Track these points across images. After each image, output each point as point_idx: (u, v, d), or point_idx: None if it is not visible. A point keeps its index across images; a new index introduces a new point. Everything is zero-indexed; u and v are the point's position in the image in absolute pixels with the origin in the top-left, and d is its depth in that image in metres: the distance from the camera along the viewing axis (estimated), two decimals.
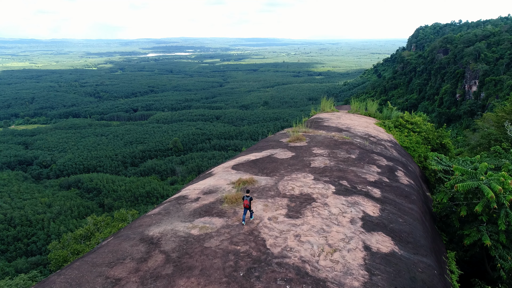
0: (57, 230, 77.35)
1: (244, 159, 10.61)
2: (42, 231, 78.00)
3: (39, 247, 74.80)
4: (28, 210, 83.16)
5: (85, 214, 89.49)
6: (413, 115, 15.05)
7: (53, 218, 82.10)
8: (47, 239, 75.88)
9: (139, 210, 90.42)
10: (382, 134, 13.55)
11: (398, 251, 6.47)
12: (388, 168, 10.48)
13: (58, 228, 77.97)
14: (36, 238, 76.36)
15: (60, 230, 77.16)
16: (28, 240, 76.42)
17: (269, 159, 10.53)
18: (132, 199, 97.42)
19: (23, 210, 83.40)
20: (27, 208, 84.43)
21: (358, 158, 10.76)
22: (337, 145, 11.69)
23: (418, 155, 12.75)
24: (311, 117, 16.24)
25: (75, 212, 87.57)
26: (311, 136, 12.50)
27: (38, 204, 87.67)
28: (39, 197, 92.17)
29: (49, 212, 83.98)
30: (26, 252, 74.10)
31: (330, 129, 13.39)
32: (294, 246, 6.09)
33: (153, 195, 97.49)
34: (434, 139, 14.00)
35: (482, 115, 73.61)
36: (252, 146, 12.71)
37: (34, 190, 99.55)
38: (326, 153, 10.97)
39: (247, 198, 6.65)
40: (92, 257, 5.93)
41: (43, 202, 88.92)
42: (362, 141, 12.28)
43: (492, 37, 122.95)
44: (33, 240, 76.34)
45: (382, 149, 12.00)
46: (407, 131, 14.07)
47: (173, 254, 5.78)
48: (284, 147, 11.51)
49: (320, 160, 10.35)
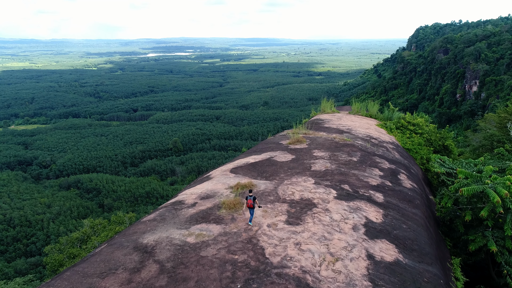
0: (56, 230, 77.09)
1: (243, 162, 10.36)
2: (42, 231, 77.74)
3: (38, 247, 74.48)
4: (28, 211, 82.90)
5: (85, 214, 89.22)
6: (415, 116, 14.76)
7: (53, 218, 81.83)
8: (47, 240, 75.60)
9: (139, 210, 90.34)
10: (384, 135, 13.28)
11: (402, 259, 6.22)
12: (390, 171, 10.23)
13: (58, 228, 77.71)
14: (36, 239, 76.10)
15: (60, 230, 76.91)
16: (27, 241, 76.18)
17: (268, 162, 10.28)
18: (132, 200, 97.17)
19: (22, 211, 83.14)
20: (26, 208, 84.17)
21: (359, 161, 10.52)
22: (338, 147, 11.44)
23: (420, 157, 12.48)
24: (311, 118, 15.94)
25: (75, 212, 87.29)
26: (311, 138, 12.24)
27: (38, 204, 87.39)
28: (38, 198, 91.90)
29: (49, 212, 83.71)
30: (26, 252, 73.86)
31: (331, 130, 13.11)
32: (294, 255, 5.83)
33: (153, 195, 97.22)
34: (437, 140, 13.73)
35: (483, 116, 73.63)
36: (252, 148, 12.45)
37: (34, 190, 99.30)
38: (327, 156, 10.73)
39: (251, 198, 6.55)
40: (84, 266, 5.68)
41: (43, 202, 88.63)
42: (364, 143, 12.03)
43: (493, 37, 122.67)
44: (32, 240, 76.09)
45: (384, 151, 11.75)
46: (409, 133, 13.79)
47: (168, 264, 5.52)
48: (284, 150, 11.26)
49: (321, 163, 10.10)
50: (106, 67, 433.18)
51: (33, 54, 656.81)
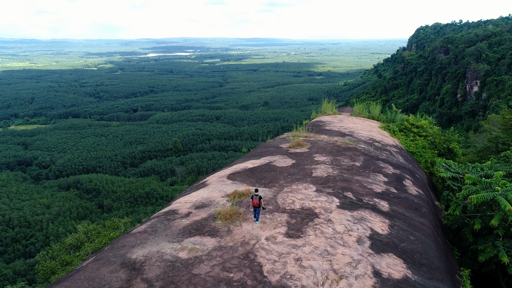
0: (55, 231, 76.75)
1: (241, 167, 9.91)
2: (41, 232, 77.38)
3: (37, 248, 74.04)
4: (27, 211, 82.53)
5: (84, 215, 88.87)
6: (419, 118, 14.29)
7: (52, 219, 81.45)
8: (46, 241, 75.27)
9: (138, 211, 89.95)
10: (387, 138, 12.82)
11: (411, 276, 5.77)
12: (395, 177, 9.79)
13: (57, 229, 77.37)
14: (35, 240, 75.74)
15: (59, 231, 76.60)
16: (26, 242, 75.82)
17: (267, 167, 9.83)
18: (131, 200, 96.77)
19: (21, 211, 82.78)
20: (25, 209, 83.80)
21: (363, 166, 10.07)
22: (340, 151, 10.99)
23: (424, 160, 12.02)
24: (311, 120, 15.45)
25: (74, 213, 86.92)
26: (312, 142, 11.79)
27: (37, 205, 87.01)
28: (38, 198, 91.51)
29: (48, 213, 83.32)
30: (25, 253, 73.51)
31: (332, 133, 12.65)
32: (295, 273, 5.39)
33: (152, 196, 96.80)
34: (441, 143, 13.27)
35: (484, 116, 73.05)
36: (251, 152, 11.99)
37: (33, 191, 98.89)
38: (329, 161, 10.28)
39: (256, 197, 6.54)
40: (66, 285, 5.23)
41: (42, 203, 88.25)
42: (367, 147, 11.58)
43: (494, 37, 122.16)
44: (31, 241, 75.74)
45: (388, 155, 11.31)
46: (413, 135, 13.31)
47: (157, 284, 5.07)
48: (283, 154, 10.81)
49: (323, 169, 9.65)
50: (106, 67, 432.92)
51: (33, 54, 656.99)
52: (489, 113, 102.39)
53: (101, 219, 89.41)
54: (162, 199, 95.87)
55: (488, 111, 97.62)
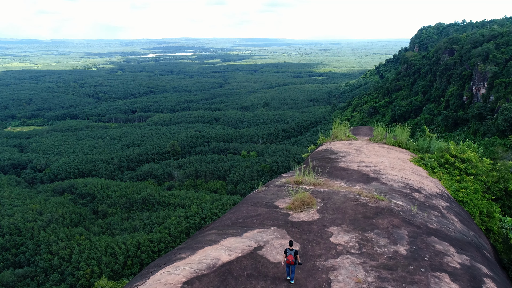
0: (47, 239, 73.72)
1: (208, 262, 5.62)
2: (32, 240, 74.31)
3: (27, 258, 71.19)
4: (18, 218, 79.52)
5: (78, 221, 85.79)
6: (463, 148, 10.19)
7: (44, 226, 78.37)
8: (36, 249, 72.29)
9: (134, 217, 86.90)
10: (426, 180, 9.17)
11: None
12: (468, 277, 5.64)
13: (48, 237, 74.33)
14: (25, 248, 72.69)
15: (50, 239, 73.58)
16: (16, 250, 72.83)
17: (251, 266, 5.78)
18: (127, 206, 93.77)
19: (12, 218, 79.77)
20: (17, 215, 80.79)
21: (412, 256, 6.03)
22: (369, 217, 7.09)
23: (479, 212, 8.53)
24: (319, 148, 11.36)
25: (67, 219, 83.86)
26: (324, 195, 8.04)
27: (29, 211, 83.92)
28: (30, 204, 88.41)
29: (40, 220, 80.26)
30: (14, 263, 70.57)
31: (351, 175, 9.01)
32: None
33: (148, 201, 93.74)
34: (494, 182, 9.56)
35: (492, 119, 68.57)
36: (233, 211, 8.18)
37: (26, 195, 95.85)
38: (354, 244, 6.36)
39: (291, 253, 5.39)
40: None
41: (34, 209, 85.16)
42: (406, 204, 7.73)
43: (501, 38, 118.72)
44: (21, 250, 72.72)
45: (439, 218, 7.46)
46: (459, 173, 9.66)
47: None
48: (281, 225, 6.90)
49: (347, 269, 5.68)
50: (106, 67, 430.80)
51: (33, 54, 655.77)
52: (497, 117, 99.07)
53: (95, 226, 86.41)
54: (159, 204, 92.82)
55: (497, 115, 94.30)
